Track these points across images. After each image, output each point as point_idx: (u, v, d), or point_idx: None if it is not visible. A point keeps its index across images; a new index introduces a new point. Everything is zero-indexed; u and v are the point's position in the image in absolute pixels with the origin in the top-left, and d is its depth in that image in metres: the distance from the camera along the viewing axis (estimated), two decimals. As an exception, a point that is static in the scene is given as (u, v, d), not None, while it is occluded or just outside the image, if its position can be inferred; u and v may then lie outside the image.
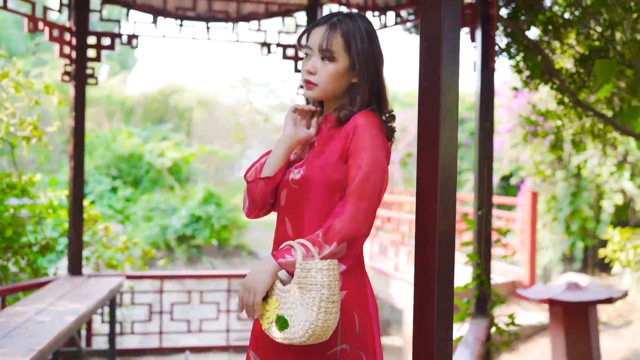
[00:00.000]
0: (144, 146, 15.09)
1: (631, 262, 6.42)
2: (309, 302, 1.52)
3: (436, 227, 1.74)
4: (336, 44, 1.70)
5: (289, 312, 1.55)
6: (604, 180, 10.68)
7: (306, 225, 1.68)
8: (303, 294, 1.53)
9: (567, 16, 3.96)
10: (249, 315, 1.61)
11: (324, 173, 1.67)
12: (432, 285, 1.75)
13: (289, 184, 1.72)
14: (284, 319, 1.55)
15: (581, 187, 11.33)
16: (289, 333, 1.54)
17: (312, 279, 1.52)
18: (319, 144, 1.76)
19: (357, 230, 1.58)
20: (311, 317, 1.51)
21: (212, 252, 11.35)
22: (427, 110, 1.79)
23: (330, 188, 1.67)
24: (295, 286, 1.55)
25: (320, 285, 1.51)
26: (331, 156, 1.68)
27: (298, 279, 1.54)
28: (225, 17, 4.93)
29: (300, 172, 1.71)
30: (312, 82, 1.73)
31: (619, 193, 10.67)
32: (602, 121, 4.00)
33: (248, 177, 1.78)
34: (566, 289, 4.29)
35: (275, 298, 1.58)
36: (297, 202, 1.71)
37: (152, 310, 4.80)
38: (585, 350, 4.23)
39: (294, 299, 1.55)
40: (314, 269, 1.52)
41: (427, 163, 1.78)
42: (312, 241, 1.57)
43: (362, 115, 1.69)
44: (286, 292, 1.57)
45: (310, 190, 1.68)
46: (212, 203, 11.81)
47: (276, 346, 1.66)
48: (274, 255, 1.59)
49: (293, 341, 1.53)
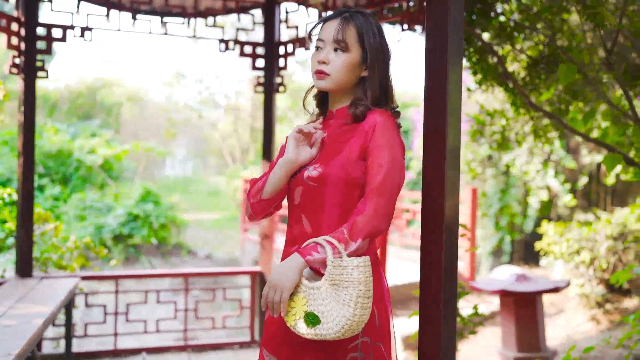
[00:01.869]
0: (73, 143, 14.49)
1: (564, 254, 6.85)
2: (346, 298, 1.55)
3: (443, 220, 1.84)
4: (350, 36, 1.75)
5: (320, 308, 1.57)
6: (531, 178, 11.30)
7: (325, 222, 1.71)
8: (338, 290, 1.56)
9: (521, 20, 4.18)
10: (274, 313, 1.62)
11: (343, 171, 1.70)
12: (439, 273, 1.85)
13: (305, 182, 1.74)
14: (314, 315, 1.57)
15: (510, 184, 11.89)
16: (322, 329, 1.56)
17: (349, 275, 1.55)
18: (332, 139, 1.78)
19: (378, 226, 1.64)
20: (348, 312, 1.54)
21: (151, 251, 11.08)
22: (434, 109, 1.88)
23: (349, 185, 1.70)
24: (326, 283, 1.58)
25: (357, 282, 1.55)
26: (351, 154, 1.71)
27: (331, 276, 1.57)
28: (182, 12, 4.86)
29: (317, 169, 1.73)
30: (324, 72, 1.76)
31: (544, 190, 11.33)
32: (553, 121, 4.25)
33: (251, 199, 1.81)
34: (516, 281, 4.53)
35: (302, 295, 1.60)
36: (313, 200, 1.73)
37: (107, 312, 4.67)
38: (533, 336, 4.49)
39: (325, 295, 1.57)
40: (350, 266, 1.56)
41: (434, 159, 1.87)
42: (338, 238, 1.60)
43: (379, 115, 1.74)
44: (315, 288, 1.59)
45: (328, 187, 1.71)
46: (150, 201, 11.52)
47: (296, 343, 1.69)
48: (301, 253, 1.61)
49: (326, 337, 1.56)
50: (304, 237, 1.72)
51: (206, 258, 12.13)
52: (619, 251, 6.66)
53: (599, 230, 6.82)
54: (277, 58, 4.95)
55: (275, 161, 1.86)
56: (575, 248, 6.75)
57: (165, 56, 35.39)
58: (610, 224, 6.86)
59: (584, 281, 6.82)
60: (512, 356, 4.57)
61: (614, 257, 6.66)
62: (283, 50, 4.93)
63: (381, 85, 1.81)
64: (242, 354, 4.78)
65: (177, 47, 40.89)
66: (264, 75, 4.98)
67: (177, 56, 35.14)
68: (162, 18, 4.83)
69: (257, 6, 5.00)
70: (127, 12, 4.71)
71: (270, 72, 4.96)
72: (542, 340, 4.61)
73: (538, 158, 11.19)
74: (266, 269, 5.02)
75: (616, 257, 6.67)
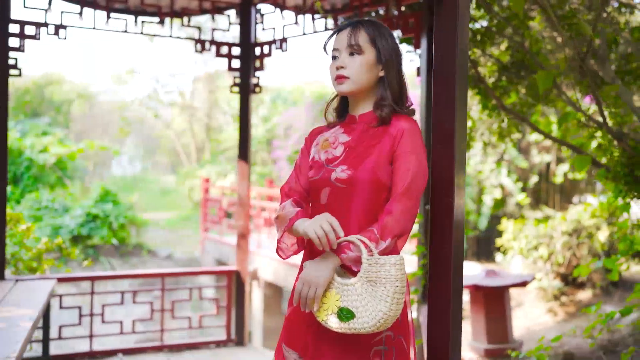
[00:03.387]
0: (23, 141, 14.02)
1: (523, 249, 7.16)
2: (383, 294, 1.64)
3: (452, 219, 1.96)
4: (362, 39, 1.85)
5: (354, 303, 1.66)
6: (485, 177, 11.69)
7: (353, 221, 1.78)
8: (375, 286, 1.65)
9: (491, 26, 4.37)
10: (306, 308, 1.70)
11: (373, 174, 1.78)
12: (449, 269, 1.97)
13: (333, 183, 1.81)
14: (348, 310, 1.65)
15: (465, 182, 12.24)
16: (356, 323, 1.65)
17: (387, 272, 1.65)
18: (358, 143, 1.85)
19: (405, 226, 1.74)
20: (385, 307, 1.64)
21: (110, 252, 10.87)
22: (443, 115, 2.01)
23: (376, 187, 1.78)
24: (362, 280, 1.66)
25: (395, 279, 1.65)
26: (380, 158, 1.79)
27: (367, 273, 1.66)
28: (157, 12, 4.84)
29: (346, 171, 1.80)
30: (344, 76, 1.84)
31: (498, 188, 11.74)
32: (517, 122, 4.46)
33: (282, 254, 1.91)
34: (486, 276, 4.74)
35: (335, 291, 1.68)
36: (341, 200, 1.80)
37: (82, 313, 4.61)
38: (502, 328, 4.71)
39: (361, 291, 1.66)
40: (388, 263, 1.66)
41: (442, 162, 1.99)
42: (369, 237, 1.69)
43: (405, 121, 1.83)
44: (349, 285, 1.68)
45: (357, 189, 1.78)
46: (109, 201, 11.29)
47: (319, 338, 1.77)
48: (335, 251, 1.69)
49: (360, 331, 1.65)
50: None
51: (167, 258, 11.98)
52: (573, 246, 7.01)
53: (555, 227, 7.16)
54: (253, 59, 5.00)
55: (299, 164, 1.94)
56: (534, 244, 7.07)
57: (118, 53, 34.51)
58: (565, 220, 7.21)
59: (541, 275, 7.16)
60: (482, 348, 4.78)
61: (569, 252, 7.01)
62: (259, 51, 4.97)
63: (398, 84, 1.90)
64: (218, 352, 4.81)
65: (130, 43, 39.93)
66: (240, 76, 5.01)
67: (130, 53, 34.37)
68: (136, 17, 4.80)
69: (233, 7, 5.02)
70: (102, 10, 4.66)
71: (246, 73, 5.00)
72: (510, 332, 4.84)
73: (492, 158, 11.60)
74: (242, 268, 5.06)
75: (571, 252, 7.03)
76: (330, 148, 1.89)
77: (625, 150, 3.43)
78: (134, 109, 21.11)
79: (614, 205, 7.07)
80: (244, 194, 5.08)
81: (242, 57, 5.01)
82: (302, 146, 1.99)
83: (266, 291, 8.84)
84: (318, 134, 2.00)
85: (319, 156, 1.89)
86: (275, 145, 17.56)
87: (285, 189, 1.95)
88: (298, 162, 1.97)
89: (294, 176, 1.95)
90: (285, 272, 8.06)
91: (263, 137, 19.35)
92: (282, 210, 1.85)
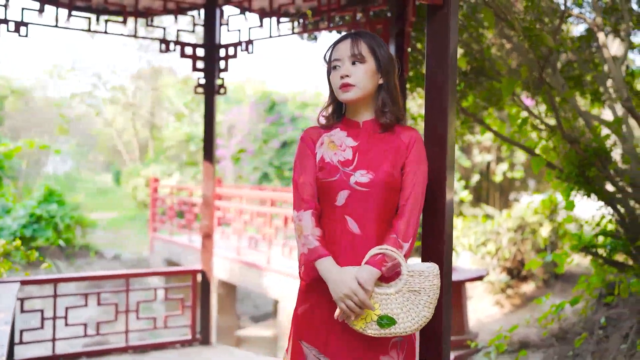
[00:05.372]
0: (-46, 139, 13.36)
1: (472, 245, 7.49)
2: (427, 302, 1.83)
3: (445, 216, 2.12)
4: (363, 49, 1.98)
5: (395, 311, 1.82)
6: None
7: (369, 222, 1.91)
8: (418, 295, 1.83)
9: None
10: (351, 318, 1.82)
11: (391, 177, 1.92)
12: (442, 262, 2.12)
13: (352, 186, 1.92)
14: (389, 317, 1.81)
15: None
16: (398, 328, 1.81)
17: (430, 283, 1.84)
18: (369, 148, 1.97)
19: (417, 228, 1.93)
20: (428, 313, 1.84)
21: (56, 254, 10.53)
22: (436, 120, 2.16)
23: (392, 190, 1.93)
24: (403, 290, 1.82)
25: (437, 287, 1.85)
26: (395, 162, 1.94)
27: (409, 284, 1.83)
28: (120, 11, 4.79)
29: (366, 175, 1.92)
30: (349, 84, 1.96)
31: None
32: (479, 124, 4.70)
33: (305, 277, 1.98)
34: (445, 270, 4.96)
35: (373, 300, 1.82)
36: (360, 203, 1.92)
37: (45, 317, 4.52)
38: (460, 320, 4.96)
39: (402, 300, 1.82)
40: (432, 274, 1.85)
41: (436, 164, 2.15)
42: (395, 245, 1.86)
43: (414, 132, 2.00)
44: (389, 294, 1.83)
45: (376, 191, 1.91)
46: (54, 201, 10.92)
47: (340, 337, 1.88)
48: (375, 265, 1.83)
49: (402, 334, 1.83)
50: (348, 236, 1.91)
51: (114, 259, 11.72)
52: (518, 242, 7.41)
53: (501, 224, 7.54)
54: (217, 60, 5.03)
55: (304, 165, 2.00)
56: (482, 240, 7.42)
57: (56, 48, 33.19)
58: (510, 217, 7.61)
59: (489, 270, 7.52)
60: (440, 340, 5.00)
61: (515, 248, 7.40)
62: (224, 53, 5.01)
63: (395, 90, 2.03)
64: (184, 352, 4.83)
65: (69, 39, 38.49)
66: (205, 77, 5.04)
67: (69, 48, 33.12)
68: (98, 16, 4.74)
69: (197, 7, 5.04)
70: (64, 8, 4.58)
71: (211, 74, 5.02)
72: (467, 324, 5.10)
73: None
74: (207, 268, 5.09)
75: (516, 247, 7.43)
76: (339, 150, 1.98)
77: (577, 153, 3.71)
78: (72, 105, 20.43)
79: (554, 202, 7.52)
80: (209, 194, 5.11)
81: (207, 58, 5.03)
82: (300, 146, 2.04)
83: (220, 290, 8.84)
84: (317, 134, 2.05)
85: (330, 158, 1.97)
86: (219, 144, 17.44)
87: (302, 193, 1.97)
88: (304, 162, 2.01)
89: (307, 178, 1.99)
90: (240, 270, 8.09)
91: (206, 135, 19.10)
92: (301, 222, 1.91)
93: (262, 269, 7.48)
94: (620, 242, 4.08)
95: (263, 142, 16.20)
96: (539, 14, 3.55)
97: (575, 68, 4.67)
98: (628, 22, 4.35)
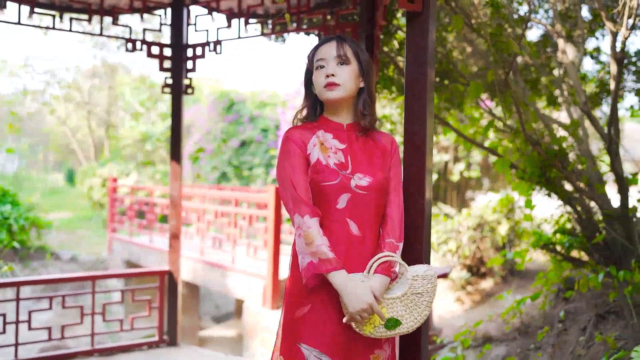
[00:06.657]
0: None
1: (434, 244, 7.66)
2: (428, 301, 1.95)
3: (424, 217, 2.21)
4: (348, 51, 2.07)
5: (400, 313, 1.92)
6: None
7: (368, 223, 2.00)
8: (421, 297, 1.94)
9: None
10: (360, 324, 1.89)
11: (385, 180, 2.05)
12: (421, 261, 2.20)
13: (353, 190, 1.97)
14: (395, 319, 1.91)
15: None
16: (402, 328, 1.92)
17: (432, 284, 1.96)
18: (360, 151, 2.05)
19: (402, 230, 2.06)
20: (427, 311, 1.96)
21: (9, 256, 10.20)
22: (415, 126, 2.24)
23: (385, 193, 2.05)
24: (408, 292, 1.92)
25: (436, 288, 1.98)
26: (383, 166, 2.06)
27: (413, 288, 1.93)
28: (85, 9, 4.72)
29: (365, 179, 1.99)
30: (335, 83, 2.02)
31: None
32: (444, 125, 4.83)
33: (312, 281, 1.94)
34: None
35: (382, 306, 1.91)
36: (360, 205, 1.98)
37: (7, 321, 4.41)
38: (425, 317, 5.07)
39: (407, 302, 1.92)
40: (433, 277, 1.97)
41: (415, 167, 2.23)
42: (393, 248, 1.97)
43: (391, 136, 2.15)
44: (394, 299, 1.92)
45: (374, 194, 2.01)
46: (7, 202, 10.58)
47: (350, 339, 1.95)
48: (384, 273, 1.92)
49: (405, 333, 1.94)
50: (349, 238, 1.97)
51: (71, 261, 11.44)
52: (477, 240, 7.62)
53: (462, 222, 7.74)
54: (185, 60, 5.01)
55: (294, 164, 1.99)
56: (444, 239, 7.60)
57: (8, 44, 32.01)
58: (470, 216, 7.81)
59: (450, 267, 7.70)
60: (406, 336, 5.09)
61: (474, 246, 7.61)
62: (192, 53, 4.99)
63: (373, 95, 2.12)
64: (151, 353, 4.79)
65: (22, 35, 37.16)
66: (172, 77, 5.01)
67: (22, 44, 31.99)
68: (62, 14, 4.65)
69: (164, 7, 5.00)
70: (26, 5, 4.48)
71: (178, 74, 5.00)
72: (431, 320, 5.22)
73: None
74: (175, 269, 5.06)
75: (475, 245, 7.64)
76: (331, 152, 2.01)
77: (539, 154, 3.87)
78: (23, 103, 19.80)
79: (511, 201, 7.77)
80: (177, 194, 5.08)
81: (174, 58, 5.00)
82: (289, 144, 2.01)
83: (183, 290, 8.77)
84: (306, 134, 2.04)
85: (326, 161, 1.99)
86: (178, 143, 17.18)
87: (300, 193, 1.95)
88: (294, 161, 1.99)
89: (301, 178, 1.98)
90: (204, 270, 8.05)
91: (162, 134, 18.87)
92: (309, 230, 1.89)
93: (226, 268, 7.46)
94: (577, 240, 4.28)
95: (222, 142, 16.10)
96: (503, 21, 3.69)
97: (533, 72, 4.87)
98: (582, 29, 4.56)
